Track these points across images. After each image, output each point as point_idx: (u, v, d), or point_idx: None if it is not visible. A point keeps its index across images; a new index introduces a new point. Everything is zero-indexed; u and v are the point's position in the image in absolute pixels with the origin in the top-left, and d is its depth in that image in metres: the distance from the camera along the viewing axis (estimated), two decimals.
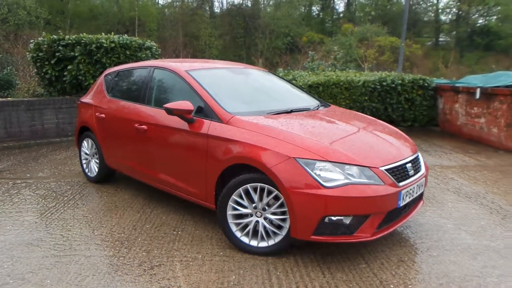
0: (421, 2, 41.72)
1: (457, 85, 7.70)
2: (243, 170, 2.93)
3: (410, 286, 2.50)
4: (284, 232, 2.81)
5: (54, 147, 6.76)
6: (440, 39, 39.94)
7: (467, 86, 7.34)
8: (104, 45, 7.63)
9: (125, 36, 8.23)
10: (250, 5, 35.03)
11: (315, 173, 2.59)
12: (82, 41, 7.59)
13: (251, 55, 33.42)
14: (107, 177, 4.67)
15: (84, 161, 4.85)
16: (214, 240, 3.15)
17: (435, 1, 40.61)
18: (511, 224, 3.52)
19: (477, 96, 6.88)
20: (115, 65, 7.82)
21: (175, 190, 3.52)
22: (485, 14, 39.38)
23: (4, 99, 7.34)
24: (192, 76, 3.52)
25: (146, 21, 30.57)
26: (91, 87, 4.96)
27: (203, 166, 3.15)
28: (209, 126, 3.13)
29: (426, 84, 8.33)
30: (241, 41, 32.82)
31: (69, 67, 7.63)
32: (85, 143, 4.75)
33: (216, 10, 37.36)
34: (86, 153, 4.79)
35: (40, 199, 4.12)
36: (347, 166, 2.63)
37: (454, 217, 3.66)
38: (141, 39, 8.57)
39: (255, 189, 2.84)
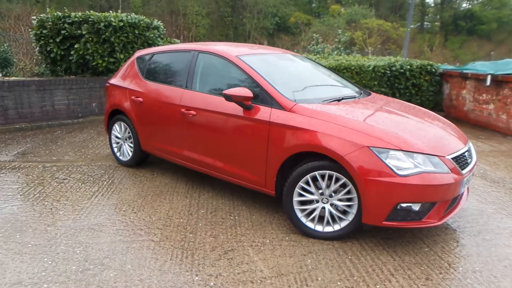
0: None
1: (465, 71, 7.89)
2: (307, 158, 2.99)
3: (477, 269, 2.66)
4: (350, 218, 2.91)
5: (68, 129, 6.61)
6: (426, 22, 40.33)
7: (476, 72, 7.54)
8: (113, 23, 7.41)
9: (133, 14, 8.00)
10: None
11: (388, 162, 2.67)
12: (90, 19, 7.34)
13: (239, 35, 32.99)
14: (141, 161, 4.64)
15: (115, 145, 4.79)
16: (275, 225, 3.23)
17: None
18: None
19: (488, 83, 7.09)
20: (124, 44, 7.66)
21: (227, 176, 3.54)
22: None
23: (15, 78, 7.06)
24: (245, 62, 3.51)
25: None
26: (120, 69, 4.85)
27: (264, 153, 3.18)
28: (270, 113, 3.14)
29: (433, 70, 8.51)
30: (228, 20, 32.24)
31: (76, 46, 7.39)
32: (116, 127, 4.68)
33: None
34: (117, 137, 4.72)
35: (80, 184, 4.07)
36: (417, 155, 2.73)
37: (490, 202, 3.85)
38: (148, 18, 8.34)
39: (322, 176, 2.91)
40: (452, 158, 2.85)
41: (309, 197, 2.98)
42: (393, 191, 2.65)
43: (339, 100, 3.45)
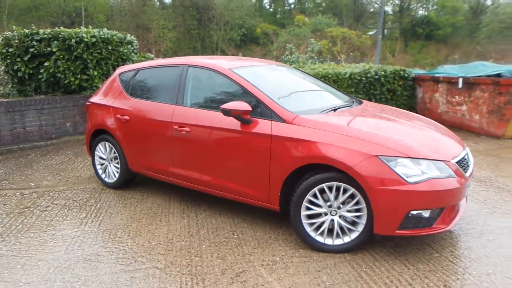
0: None
1: (437, 75, 8.16)
2: (311, 170, 2.93)
3: (490, 271, 2.67)
4: (360, 228, 2.86)
5: (42, 152, 6.24)
6: (386, 30, 41.86)
7: (448, 76, 7.82)
8: (85, 39, 7.14)
9: (105, 30, 7.76)
10: None
11: (397, 170, 2.66)
12: (60, 35, 7.03)
13: (206, 47, 32.95)
14: (128, 182, 4.42)
15: (99, 166, 4.54)
16: (281, 241, 3.13)
17: None
18: None
19: (460, 85, 7.36)
20: (98, 61, 7.39)
21: (227, 193, 3.42)
22: (425, 5, 41.99)
23: None
24: (240, 75, 3.43)
25: (94, 12, 28.88)
26: (101, 87, 4.64)
27: (266, 168, 3.09)
28: (271, 127, 3.07)
29: (406, 75, 8.76)
30: (195, 32, 32.16)
31: (46, 64, 7.06)
32: (100, 147, 4.45)
33: (166, 1, 36.17)
34: (101, 158, 4.49)
35: (66, 210, 3.82)
36: (423, 161, 2.73)
37: (482, 201, 3.93)
38: (120, 33, 8.11)
39: (329, 188, 2.85)
40: (456, 162, 2.88)
41: (318, 210, 2.91)
42: (404, 199, 2.63)
43: (335, 110, 3.43)
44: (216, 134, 3.37)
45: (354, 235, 2.88)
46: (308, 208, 2.93)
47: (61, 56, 7.05)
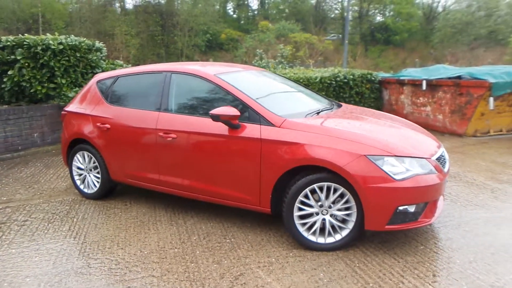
0: (327, 0, 44.63)
1: (402, 78, 8.56)
2: (301, 172, 3.01)
3: (472, 259, 2.85)
4: (350, 226, 2.97)
5: (8, 164, 5.95)
6: (347, 35, 43.19)
7: (412, 78, 8.22)
8: (52, 47, 6.90)
9: (72, 36, 7.54)
10: (163, 1, 33.83)
11: (385, 168, 2.79)
12: (25, 43, 6.77)
13: (171, 53, 32.58)
14: (109, 192, 4.32)
15: (77, 177, 4.41)
16: (273, 243, 3.18)
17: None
18: (503, 196, 4.14)
19: (424, 87, 7.76)
20: (66, 69, 7.17)
21: (216, 198, 3.43)
22: (382, 12, 43.76)
23: None
24: (225, 80, 3.47)
25: (52, 18, 27.84)
26: (77, 95, 4.52)
27: (257, 171, 3.14)
28: (260, 131, 3.13)
29: (373, 78, 9.12)
30: (159, 39, 31.72)
31: (9, 72, 6.77)
32: (78, 157, 4.32)
33: (127, 6, 35.47)
34: (79, 168, 4.36)
35: (46, 224, 3.68)
36: (407, 159, 2.88)
37: (455, 196, 4.17)
38: (89, 40, 7.91)
39: (320, 189, 2.94)
40: (436, 159, 3.06)
41: (309, 210, 3.00)
42: (393, 195, 2.77)
43: (318, 113, 3.53)
44: (203, 139, 3.39)
45: (345, 233, 2.99)
46: (300, 209, 3.00)
47: (26, 64, 6.79)
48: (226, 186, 3.34)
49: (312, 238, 3.02)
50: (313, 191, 2.96)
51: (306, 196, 2.97)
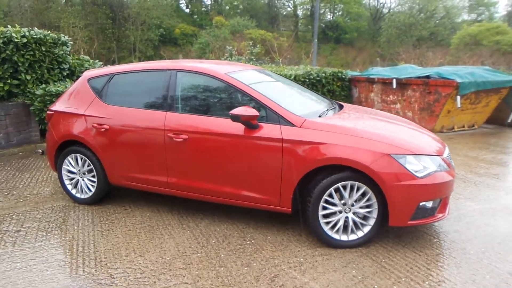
0: None
1: (372, 76, 8.91)
2: (324, 171, 3.05)
3: (483, 249, 3.07)
4: (371, 222, 3.07)
5: None
6: (299, 32, 44.04)
7: (382, 77, 8.59)
8: (15, 40, 6.37)
9: (36, 29, 7.00)
10: None
11: (407, 166, 2.91)
12: None
13: (123, 47, 31.31)
14: (104, 196, 4.09)
15: (68, 182, 4.12)
16: (295, 242, 3.20)
17: None
18: (486, 188, 4.48)
19: (394, 86, 8.15)
20: (30, 64, 6.65)
21: (232, 200, 3.38)
22: (332, 11, 45.14)
23: None
24: (239, 80, 3.41)
25: None
26: (65, 93, 4.21)
27: (277, 171, 3.14)
28: (280, 131, 3.12)
29: (343, 76, 9.41)
30: (110, 32, 30.33)
31: None
32: (70, 160, 4.04)
33: None
34: (70, 172, 4.08)
35: (44, 234, 3.41)
36: (425, 157, 3.02)
37: None
38: (54, 33, 7.38)
39: (343, 187, 3.01)
40: (446, 157, 3.24)
41: (333, 209, 3.05)
42: (416, 192, 2.89)
43: (327, 113, 3.58)
44: (219, 140, 3.31)
45: (366, 229, 3.08)
46: (324, 208, 3.05)
47: None
48: (243, 187, 3.30)
49: (336, 236, 3.08)
50: (336, 190, 3.02)
51: (330, 195, 3.02)
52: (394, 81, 8.15)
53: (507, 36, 25.12)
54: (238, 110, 3.10)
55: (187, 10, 40.91)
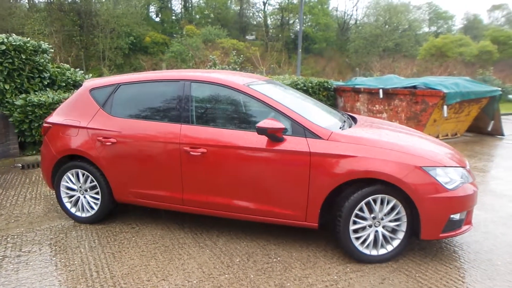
0: (249, 7, 45.56)
1: (357, 86, 9.04)
2: (352, 185, 2.99)
3: (509, 260, 3.09)
4: (400, 236, 3.02)
5: None
6: (270, 42, 44.50)
7: (368, 87, 8.73)
8: None
9: (14, 36, 6.59)
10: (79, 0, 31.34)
11: (438, 179, 2.89)
12: None
13: (91, 55, 30.35)
14: (108, 214, 3.83)
15: (66, 199, 3.82)
16: (323, 258, 3.09)
17: (262, 7, 44.95)
18: (488, 196, 4.57)
19: (381, 95, 8.29)
20: (9, 72, 6.24)
21: (256, 216, 3.23)
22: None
23: None
24: (260, 91, 3.30)
25: None
26: (63, 105, 3.93)
27: (305, 185, 3.03)
28: (307, 144, 3.03)
29: (329, 86, 9.50)
30: (77, 39, 29.31)
31: None
32: (70, 177, 3.75)
33: (37, 1, 32.13)
34: (70, 189, 3.79)
35: (50, 258, 3.12)
36: (451, 169, 3.02)
37: None
38: (34, 40, 6.97)
39: (374, 201, 2.95)
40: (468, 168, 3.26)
41: (364, 223, 2.98)
42: (447, 204, 2.88)
43: (344, 126, 3.52)
44: (242, 154, 3.17)
45: (396, 243, 3.03)
46: (355, 222, 2.97)
47: None
48: (267, 202, 3.17)
49: (366, 251, 3.01)
50: (366, 204, 2.95)
51: (361, 209, 2.95)
52: (381, 91, 8.30)
53: (469, 48, 26.48)
54: (265, 123, 2.98)
55: (157, 19, 40.33)
